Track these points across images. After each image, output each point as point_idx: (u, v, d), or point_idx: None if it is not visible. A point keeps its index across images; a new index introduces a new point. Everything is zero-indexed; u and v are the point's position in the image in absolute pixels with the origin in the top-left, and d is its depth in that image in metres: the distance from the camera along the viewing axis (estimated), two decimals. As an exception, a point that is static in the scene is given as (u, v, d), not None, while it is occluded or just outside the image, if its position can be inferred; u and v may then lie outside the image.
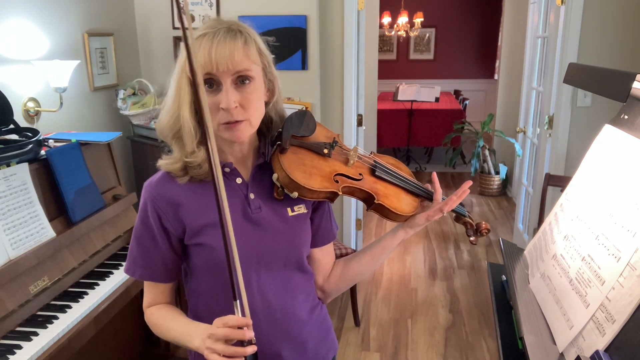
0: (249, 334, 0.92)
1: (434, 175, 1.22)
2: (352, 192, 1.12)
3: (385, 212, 1.13)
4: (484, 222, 1.25)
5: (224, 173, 1.07)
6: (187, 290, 1.17)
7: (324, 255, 1.22)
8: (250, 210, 1.08)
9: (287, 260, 1.11)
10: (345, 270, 1.23)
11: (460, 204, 1.25)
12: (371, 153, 1.20)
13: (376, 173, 1.15)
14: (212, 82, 0.99)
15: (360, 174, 1.12)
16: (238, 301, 0.92)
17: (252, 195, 1.09)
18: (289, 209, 1.12)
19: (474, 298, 3.36)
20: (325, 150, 1.10)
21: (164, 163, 1.06)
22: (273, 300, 1.10)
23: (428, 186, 1.21)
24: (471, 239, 1.25)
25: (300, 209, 1.13)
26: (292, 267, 1.12)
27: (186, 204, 1.06)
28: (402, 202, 1.15)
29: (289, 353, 1.13)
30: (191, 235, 1.07)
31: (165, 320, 1.09)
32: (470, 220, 1.26)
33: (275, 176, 1.06)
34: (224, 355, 0.91)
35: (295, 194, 1.04)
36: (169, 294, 1.15)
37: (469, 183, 1.19)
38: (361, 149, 1.20)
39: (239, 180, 1.09)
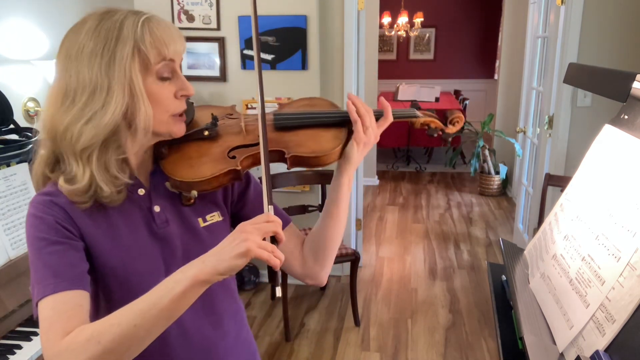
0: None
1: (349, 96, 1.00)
2: (256, 160, 0.96)
3: (307, 161, 0.97)
4: (449, 112, 1.07)
5: (125, 184, 0.89)
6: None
7: (287, 242, 1.03)
8: (156, 225, 0.94)
9: None
10: (315, 244, 1.05)
11: (416, 107, 1.09)
12: (279, 106, 1.08)
13: (277, 125, 1.00)
14: (169, 69, 0.89)
15: (259, 136, 0.96)
16: (273, 206, 0.85)
17: (156, 208, 0.95)
18: (200, 220, 0.99)
19: (474, 298, 3.36)
20: (206, 132, 0.98)
21: (66, 187, 0.86)
22: (191, 328, 0.95)
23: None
24: (434, 135, 1.09)
25: (214, 218, 1.00)
26: (211, 287, 0.84)
27: (81, 219, 0.88)
28: (321, 141, 0.98)
29: None
30: (90, 250, 0.90)
31: (119, 310, 0.79)
32: (428, 118, 1.08)
33: (168, 184, 0.95)
34: (270, 253, 0.78)
35: (194, 193, 0.93)
36: (88, 312, 0.83)
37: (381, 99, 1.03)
38: (253, 110, 1.09)
39: (141, 192, 0.94)
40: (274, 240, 0.82)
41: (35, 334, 1.57)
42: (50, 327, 0.79)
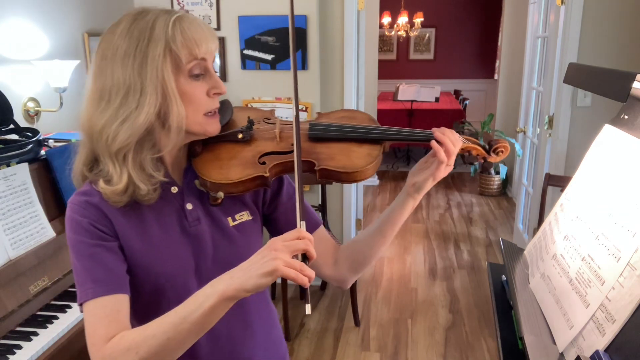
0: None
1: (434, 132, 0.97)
2: (286, 168, 0.97)
3: (337, 176, 0.95)
4: (494, 140, 1.02)
5: (160, 182, 0.92)
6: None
7: (316, 245, 1.00)
8: (188, 223, 0.95)
9: None
10: (356, 255, 1.06)
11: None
12: (317, 115, 1.07)
13: (310, 135, 0.99)
14: (201, 68, 0.90)
15: (292, 144, 0.94)
16: (304, 222, 0.83)
17: (189, 206, 0.96)
18: (229, 219, 0.99)
19: (474, 298, 3.36)
20: (240, 135, 0.98)
21: (106, 188, 0.88)
22: (219, 327, 0.90)
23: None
24: (474, 163, 1.06)
25: (243, 217, 1.00)
26: None
27: (115, 216, 0.91)
28: (352, 156, 0.97)
29: None
30: (123, 248, 0.92)
31: (154, 322, 0.82)
32: (471, 144, 1.02)
33: (197, 182, 0.96)
34: (299, 272, 0.76)
35: (220, 194, 0.94)
36: (128, 316, 0.87)
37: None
38: (284, 116, 1.08)
39: (174, 189, 0.96)
40: (305, 257, 0.80)
41: (35, 334, 1.57)
42: (93, 333, 0.84)
